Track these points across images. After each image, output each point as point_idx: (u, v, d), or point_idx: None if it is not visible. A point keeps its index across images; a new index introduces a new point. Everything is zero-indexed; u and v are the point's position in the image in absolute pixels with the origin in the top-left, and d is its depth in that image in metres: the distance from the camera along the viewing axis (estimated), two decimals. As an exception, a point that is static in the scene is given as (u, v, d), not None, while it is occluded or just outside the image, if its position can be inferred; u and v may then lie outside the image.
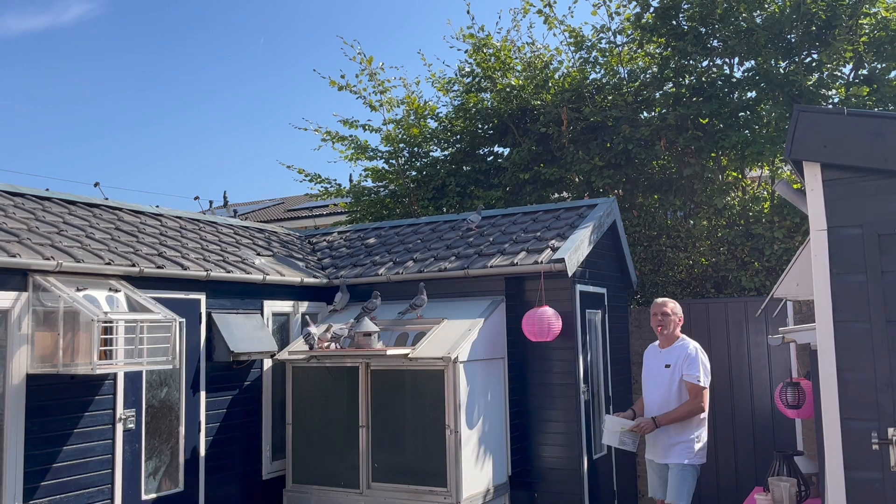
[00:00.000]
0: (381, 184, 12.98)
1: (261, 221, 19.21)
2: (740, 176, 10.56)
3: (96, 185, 7.99)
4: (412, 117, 12.58)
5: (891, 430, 3.04)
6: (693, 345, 5.65)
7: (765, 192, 10.40)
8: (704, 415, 5.60)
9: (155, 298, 6.08)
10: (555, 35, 11.75)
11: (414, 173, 12.55)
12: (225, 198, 29.08)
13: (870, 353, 3.11)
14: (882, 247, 3.12)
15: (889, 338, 3.09)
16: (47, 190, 7.36)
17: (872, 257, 3.13)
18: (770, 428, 8.03)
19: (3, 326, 5.24)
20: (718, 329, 8.41)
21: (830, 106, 9.75)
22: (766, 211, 9.86)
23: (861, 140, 3.11)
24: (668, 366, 5.64)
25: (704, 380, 5.52)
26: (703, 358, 5.61)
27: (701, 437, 5.57)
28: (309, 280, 7.84)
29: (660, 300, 5.82)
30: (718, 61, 10.55)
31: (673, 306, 5.73)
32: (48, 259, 5.45)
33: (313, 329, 6.87)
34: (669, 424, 5.52)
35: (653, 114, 10.83)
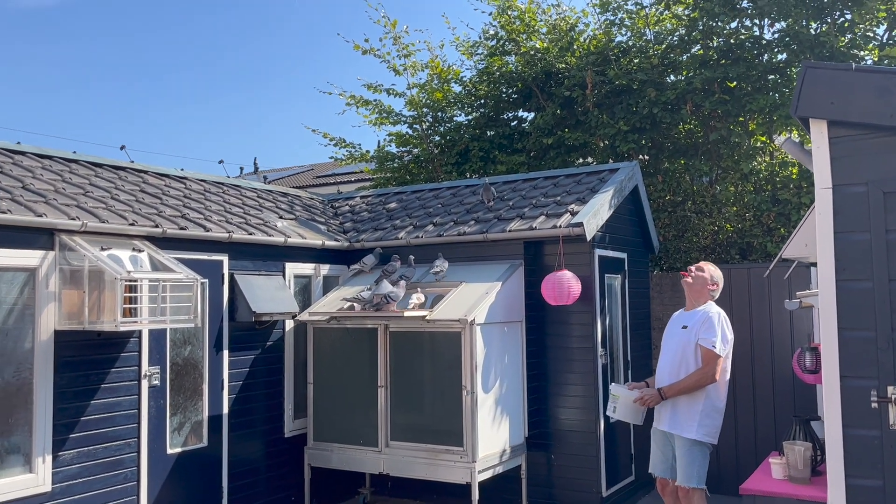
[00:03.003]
0: (404, 149, 13.01)
1: (290, 187, 19.40)
2: (768, 141, 10.38)
3: (122, 147, 8.12)
4: (436, 81, 12.54)
5: (890, 389, 3.03)
6: (716, 310, 5.30)
7: (780, 147, 10.22)
8: (721, 401, 5.21)
9: (178, 259, 6.22)
10: (581, -3, 11.54)
11: (437, 138, 12.54)
12: (255, 164, 29.35)
13: (871, 312, 3.09)
14: (887, 205, 3.08)
15: (891, 296, 3.06)
16: (74, 153, 7.52)
17: (877, 215, 3.09)
18: (791, 394, 7.99)
19: (31, 284, 5.42)
20: (740, 295, 8.35)
21: (863, 68, 9.50)
22: (794, 177, 9.70)
23: (868, 96, 3.05)
24: (685, 327, 5.33)
25: (721, 347, 5.13)
26: (725, 325, 5.24)
27: (712, 412, 5.17)
28: (330, 243, 7.94)
29: (702, 263, 5.55)
30: (747, 23, 10.32)
31: (711, 270, 5.43)
32: (73, 219, 5.60)
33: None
34: (678, 396, 5.19)
35: (679, 77, 10.66)
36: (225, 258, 6.91)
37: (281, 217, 8.21)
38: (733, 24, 10.30)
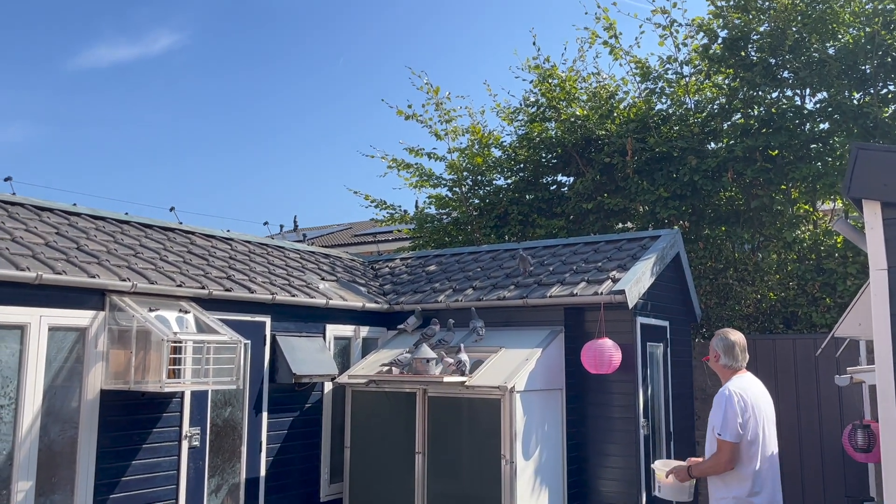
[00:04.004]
0: (444, 211, 13.15)
1: (328, 246, 19.66)
2: (811, 209, 10.28)
3: (172, 209, 8.37)
4: (476, 146, 12.74)
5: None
6: (727, 388, 4.47)
7: (834, 228, 10.09)
8: (742, 489, 4.36)
9: (222, 320, 6.32)
10: (620, 65, 11.85)
11: (477, 201, 12.67)
12: (295, 222, 29.81)
13: (933, 397, 3.00)
14: (945, 288, 3.02)
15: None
16: (126, 214, 7.75)
17: (935, 298, 3.03)
18: (841, 471, 7.72)
19: (81, 343, 5.54)
20: (786, 366, 8.17)
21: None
22: (839, 246, 9.56)
23: (923, 178, 3.03)
24: None
25: (723, 430, 4.34)
26: (729, 404, 4.37)
27: (732, 502, 4.41)
28: (370, 305, 7.99)
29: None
30: (789, 92, 10.36)
31: (715, 340, 4.64)
32: (124, 280, 5.74)
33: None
34: (702, 476, 4.59)
35: (720, 145, 10.68)
36: (267, 319, 6.99)
37: (323, 278, 8.30)
38: (774, 94, 10.34)
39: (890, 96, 9.58)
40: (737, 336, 4.52)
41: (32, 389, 5.19)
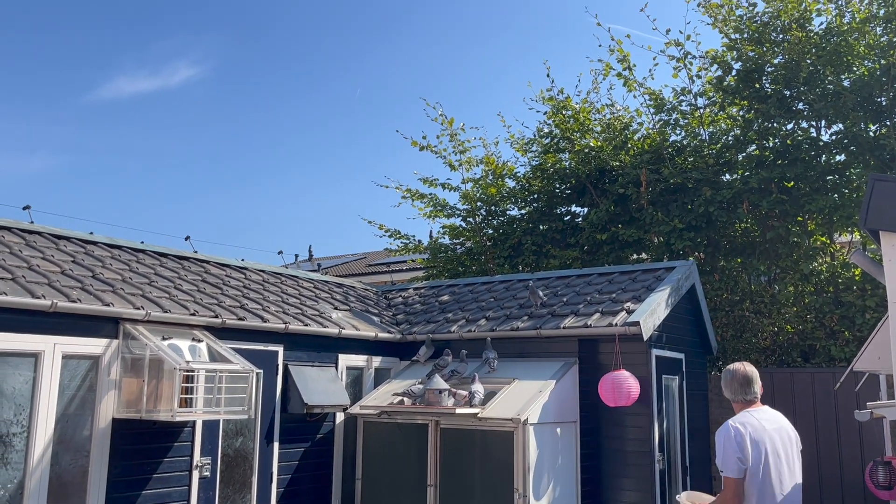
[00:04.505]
0: (457, 241, 13.16)
1: (342, 275, 19.68)
2: (828, 241, 10.20)
3: (187, 238, 8.40)
4: (490, 176, 12.78)
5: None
6: (728, 422, 4.27)
7: (851, 261, 9.99)
8: None
9: (235, 349, 6.31)
10: (634, 97, 11.83)
11: (490, 231, 12.67)
12: (310, 252, 29.94)
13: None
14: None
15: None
16: (142, 242, 7.80)
17: (957, 333, 2.98)
18: (862, 509, 7.55)
19: (95, 371, 5.54)
20: (804, 400, 8.04)
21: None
22: (857, 278, 9.45)
23: (942, 210, 2.99)
24: None
25: (724, 466, 4.18)
26: (727, 439, 4.20)
27: None
28: (383, 335, 7.96)
29: None
30: (804, 124, 10.34)
31: (723, 374, 4.48)
32: (138, 308, 5.76)
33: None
34: None
35: (735, 176, 10.65)
36: (280, 349, 6.98)
37: (336, 308, 8.30)
38: (789, 126, 10.32)
39: (906, 128, 9.54)
40: (739, 369, 4.35)
41: (45, 417, 5.19)
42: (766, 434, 4.18)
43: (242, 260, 8.77)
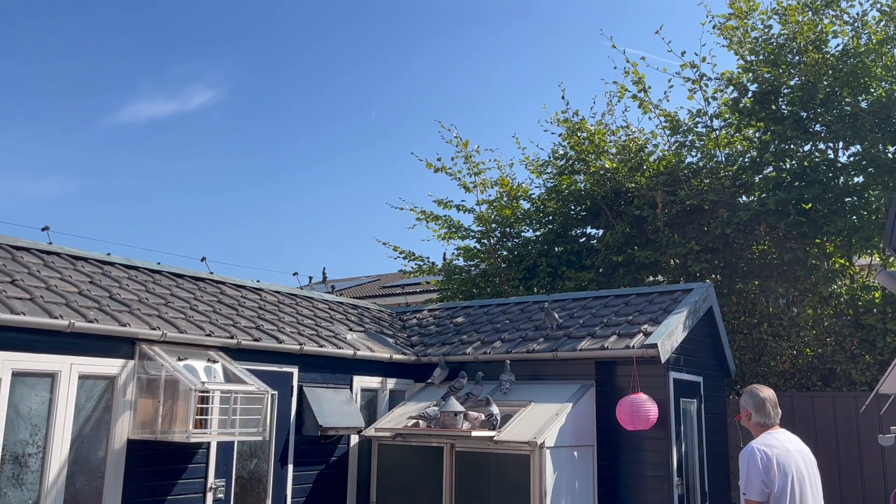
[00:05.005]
0: (472, 262, 13.13)
1: (357, 297, 19.66)
2: (847, 263, 10.09)
3: (203, 259, 8.43)
4: (505, 198, 12.77)
5: None
6: (750, 445, 4.24)
7: (876, 281, 9.87)
8: None
9: (250, 370, 6.29)
10: (650, 119, 11.81)
11: (505, 253, 12.64)
12: (324, 274, 29.96)
13: None
14: None
15: None
16: (159, 263, 7.83)
17: None
18: (886, 537, 7.39)
19: (110, 392, 5.53)
20: (825, 424, 7.91)
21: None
22: (877, 301, 9.33)
23: (969, 231, 2.94)
24: None
25: (747, 489, 4.14)
26: (752, 462, 4.15)
27: None
28: (398, 357, 7.92)
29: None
30: (821, 146, 10.28)
31: (743, 400, 4.43)
32: (154, 329, 5.76)
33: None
34: None
35: (752, 198, 10.59)
36: (295, 370, 6.95)
37: (350, 329, 8.27)
38: (806, 147, 10.26)
39: (925, 149, 9.47)
40: (767, 392, 4.34)
41: (60, 438, 5.18)
42: (791, 456, 4.14)
43: (258, 281, 8.79)
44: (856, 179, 9.95)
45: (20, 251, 6.57)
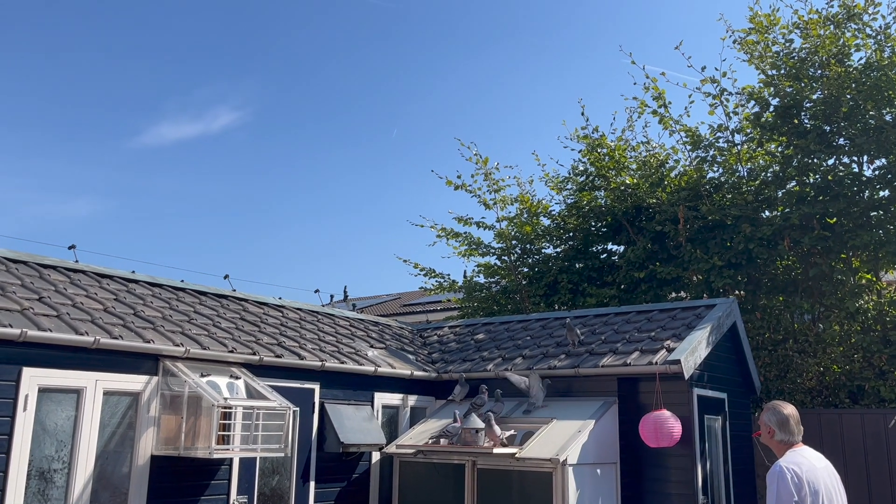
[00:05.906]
0: (492, 279, 13.11)
1: (378, 315, 19.70)
2: (874, 278, 9.94)
3: (226, 277, 8.52)
4: (525, 215, 12.76)
5: None
6: (779, 464, 4.15)
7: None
8: None
9: (272, 386, 6.32)
10: (670, 134, 11.72)
11: (526, 269, 12.61)
12: (345, 292, 30.06)
13: None
14: None
15: None
16: (182, 281, 7.91)
17: None
18: (919, 558, 7.22)
19: (135, 408, 5.58)
20: (854, 443, 7.76)
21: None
22: (905, 316, 9.19)
23: None
24: None
25: None
26: (782, 481, 4.06)
27: None
28: (418, 373, 7.92)
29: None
30: (846, 159, 10.17)
31: (764, 417, 4.34)
32: (178, 345, 5.81)
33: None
34: None
35: (775, 213, 10.49)
36: (317, 386, 6.97)
37: (371, 346, 8.29)
38: (830, 161, 10.16)
39: (952, 162, 9.34)
40: (790, 409, 4.28)
41: (85, 454, 5.22)
42: (819, 474, 4.09)
43: (280, 298, 8.84)
44: (881, 193, 9.82)
45: (47, 269, 6.67)
